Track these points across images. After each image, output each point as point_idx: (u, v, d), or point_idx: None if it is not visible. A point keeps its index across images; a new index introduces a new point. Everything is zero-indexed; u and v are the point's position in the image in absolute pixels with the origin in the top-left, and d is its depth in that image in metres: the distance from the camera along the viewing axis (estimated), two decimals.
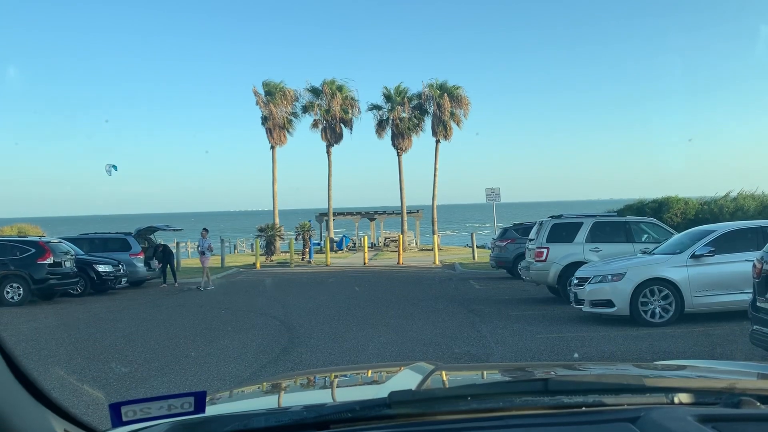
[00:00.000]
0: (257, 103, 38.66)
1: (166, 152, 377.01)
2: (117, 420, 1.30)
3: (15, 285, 16.62)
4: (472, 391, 1.59)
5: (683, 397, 1.53)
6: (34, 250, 17.01)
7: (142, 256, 21.31)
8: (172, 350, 9.99)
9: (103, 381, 7.98)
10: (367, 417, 1.45)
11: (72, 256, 18.11)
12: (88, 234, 22.97)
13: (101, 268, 19.18)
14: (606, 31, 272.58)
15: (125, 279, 20.20)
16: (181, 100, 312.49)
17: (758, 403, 1.46)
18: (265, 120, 38.46)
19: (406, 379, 2.14)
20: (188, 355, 9.53)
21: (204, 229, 21.40)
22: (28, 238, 18.83)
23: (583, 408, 1.48)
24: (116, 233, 22.53)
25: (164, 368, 8.69)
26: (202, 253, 20.41)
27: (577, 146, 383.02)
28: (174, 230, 26.39)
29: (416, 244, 42.16)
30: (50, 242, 17.97)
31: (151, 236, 23.69)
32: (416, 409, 1.47)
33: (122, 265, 19.90)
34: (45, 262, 16.93)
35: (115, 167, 29.50)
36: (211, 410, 1.66)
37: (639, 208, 22.71)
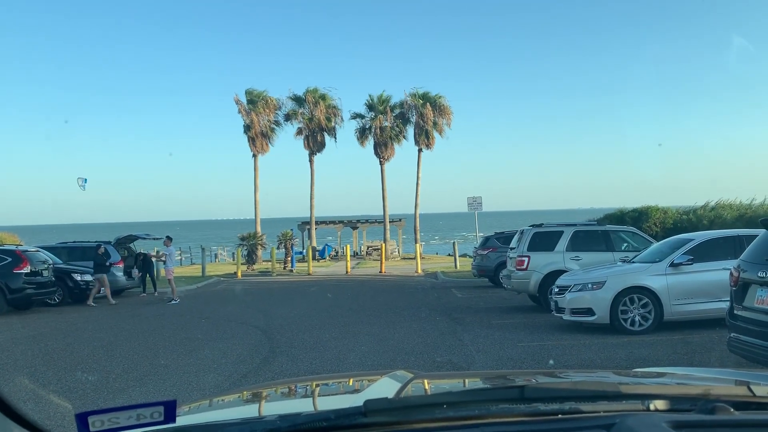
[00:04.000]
0: (239, 112, 38.59)
1: (147, 160, 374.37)
2: (84, 430, 1.27)
3: None
4: (448, 399, 1.58)
5: (659, 404, 1.54)
6: (10, 259, 16.73)
7: (121, 265, 21.06)
8: (150, 360, 9.86)
9: (80, 392, 7.85)
10: (342, 426, 1.43)
11: (50, 265, 17.84)
12: (66, 243, 22.66)
13: (79, 277, 18.93)
14: (585, 41, 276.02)
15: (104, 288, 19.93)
16: (163, 109, 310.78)
17: (732, 410, 1.46)
18: (247, 128, 38.36)
19: (383, 388, 2.13)
20: (167, 366, 9.41)
21: (167, 237, 19.97)
22: (5, 247, 18.54)
23: (559, 415, 1.48)
24: (95, 242, 22.26)
25: (143, 378, 8.58)
26: (165, 261, 19.23)
27: (558, 155, 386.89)
28: (154, 239, 26.12)
29: (399, 252, 42.18)
30: (27, 251, 17.69)
31: (131, 245, 23.44)
32: (392, 418, 1.46)
33: None
34: (22, 271, 16.65)
35: (85, 180, 29.44)
36: (184, 420, 1.64)
37: (619, 217, 22.91)
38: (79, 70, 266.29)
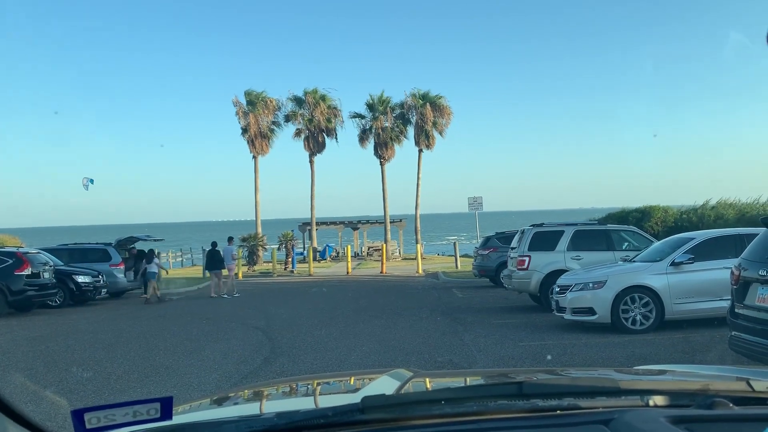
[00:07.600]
0: (237, 114, 38.45)
1: (148, 162, 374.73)
2: (80, 427, 1.27)
3: None
4: (446, 395, 1.57)
5: (657, 399, 1.53)
6: (11, 261, 16.73)
7: (122, 267, 21.08)
8: (151, 361, 9.85)
9: (80, 393, 7.85)
10: (340, 422, 1.43)
11: (51, 266, 17.84)
12: (67, 244, 22.67)
13: (80, 279, 18.94)
14: (584, 42, 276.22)
15: (105, 290, 19.97)
16: (163, 111, 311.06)
17: (731, 405, 1.46)
18: (245, 130, 38.28)
19: (382, 386, 2.12)
20: (168, 366, 9.41)
21: (230, 237, 22.34)
22: (6, 249, 18.52)
23: (558, 411, 1.47)
24: (96, 244, 22.27)
25: (143, 379, 8.57)
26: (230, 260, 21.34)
27: (559, 155, 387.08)
28: (155, 240, 26.12)
29: (399, 253, 42.16)
30: (28, 253, 17.70)
31: (132, 246, 23.46)
32: (390, 414, 1.45)
33: (102, 276, 19.67)
34: (23, 273, 16.65)
35: (91, 181, 29.43)
36: (182, 418, 1.63)
37: (621, 216, 22.89)
38: (75, 72, 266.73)
